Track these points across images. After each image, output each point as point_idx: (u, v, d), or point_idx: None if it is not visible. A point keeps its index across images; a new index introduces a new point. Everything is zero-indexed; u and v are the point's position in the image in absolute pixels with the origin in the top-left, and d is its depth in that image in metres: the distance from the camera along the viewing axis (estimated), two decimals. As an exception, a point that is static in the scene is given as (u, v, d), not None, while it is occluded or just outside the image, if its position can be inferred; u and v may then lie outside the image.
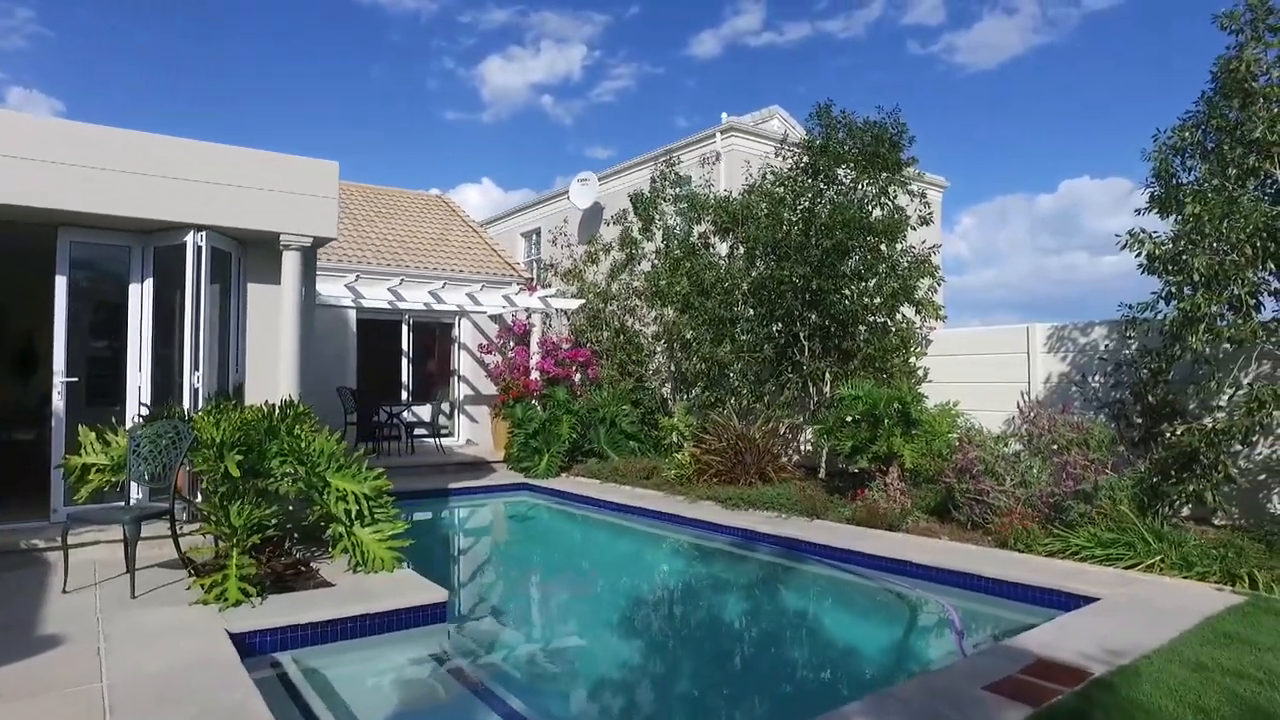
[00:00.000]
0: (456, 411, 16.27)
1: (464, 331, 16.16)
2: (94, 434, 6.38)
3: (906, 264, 10.35)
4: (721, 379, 11.92)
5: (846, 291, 10.28)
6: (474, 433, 15.93)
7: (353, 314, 14.76)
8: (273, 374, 7.67)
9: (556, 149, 55.32)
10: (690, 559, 8.59)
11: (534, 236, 23.57)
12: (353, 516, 6.33)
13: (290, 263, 7.62)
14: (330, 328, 14.60)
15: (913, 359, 10.54)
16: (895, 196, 10.76)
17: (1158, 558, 5.98)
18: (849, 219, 9.94)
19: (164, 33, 43.05)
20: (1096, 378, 8.92)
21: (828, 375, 10.63)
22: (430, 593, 5.60)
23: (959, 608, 5.98)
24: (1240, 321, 6.46)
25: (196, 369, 7.20)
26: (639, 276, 14.15)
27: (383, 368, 15.66)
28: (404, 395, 15.56)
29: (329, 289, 12.53)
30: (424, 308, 14.32)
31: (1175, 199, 7.10)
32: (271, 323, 7.75)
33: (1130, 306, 7.73)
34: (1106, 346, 8.86)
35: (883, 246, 10.27)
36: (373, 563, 6.24)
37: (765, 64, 45.27)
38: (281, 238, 7.53)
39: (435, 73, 53.17)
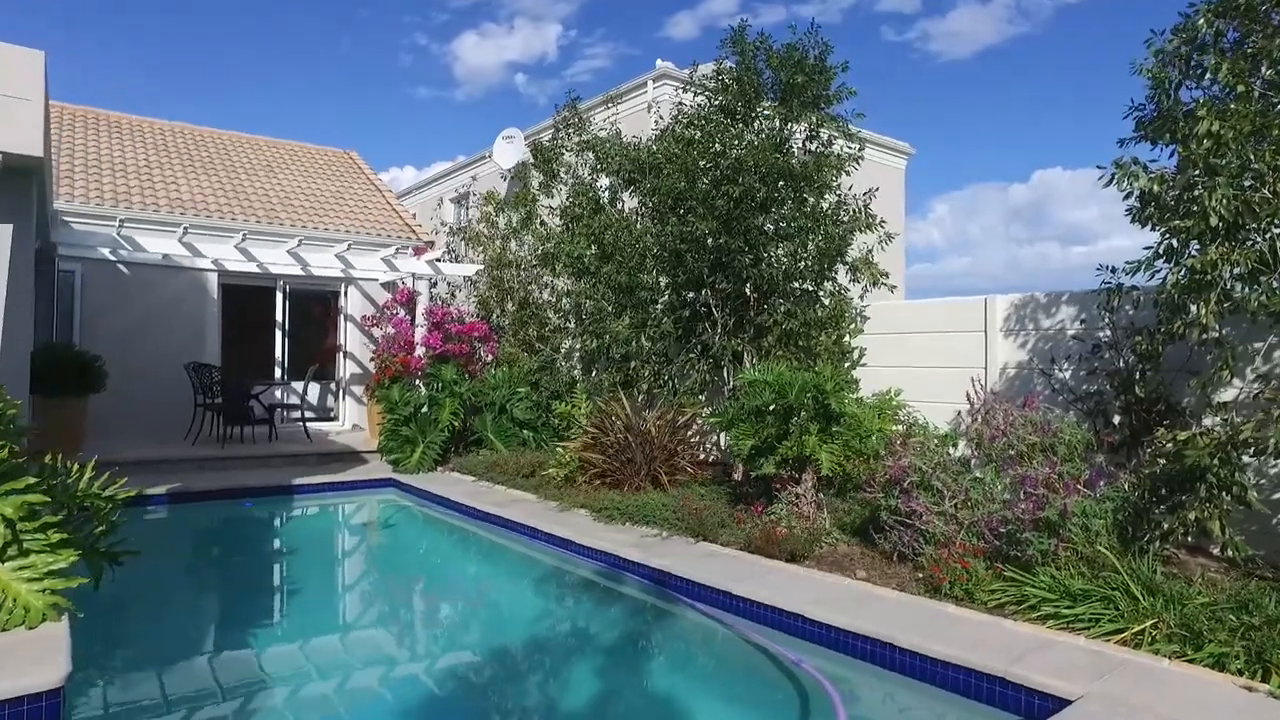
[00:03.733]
0: (342, 393, 14.19)
1: (351, 302, 14.05)
2: None
3: (837, 215, 8.37)
4: (624, 360, 9.93)
5: (765, 254, 8.29)
6: (361, 417, 13.86)
7: (214, 279, 12.59)
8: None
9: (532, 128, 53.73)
10: (538, 595, 6.61)
11: (464, 202, 21.48)
12: (-17, 549, 4.28)
13: (-27, 188, 5.52)
14: (184, 295, 12.44)
15: (847, 337, 8.60)
16: (831, 143, 8.76)
17: (1150, 622, 4.09)
18: (759, 161, 7.93)
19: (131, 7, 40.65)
20: (1066, 364, 7.04)
21: (747, 356, 8.67)
22: (37, 673, 3.59)
23: (854, 698, 4.07)
24: (1277, 286, 4.56)
25: None
26: (545, 239, 12.06)
27: (253, 342, 13.52)
28: (278, 373, 13.43)
29: (159, 244, 10.35)
30: (303, 273, 12.17)
31: (1179, 118, 5.17)
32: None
33: (1113, 270, 5.83)
34: (1081, 324, 6.96)
35: (808, 195, 8.28)
36: (12, 614, 4.22)
37: (740, 46, 43.55)
38: (-47, 151, 5.41)
39: (407, 48, 51.14)
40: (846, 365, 8.50)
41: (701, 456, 9.73)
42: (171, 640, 5.31)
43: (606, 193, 10.76)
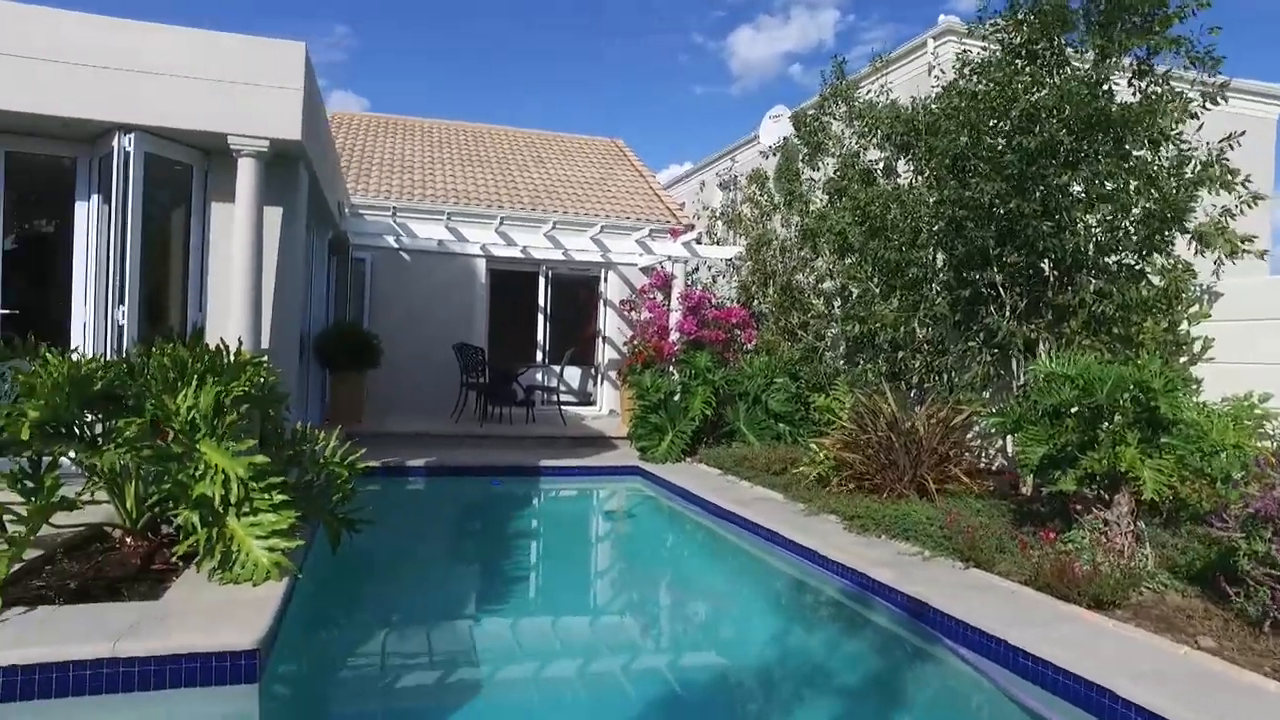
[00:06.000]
0: (600, 377, 14.32)
1: (611, 287, 14.12)
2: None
3: (1179, 170, 6.53)
4: (891, 348, 8.73)
5: (1070, 220, 6.70)
6: (617, 402, 13.89)
7: (482, 265, 13.27)
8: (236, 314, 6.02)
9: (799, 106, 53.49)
10: (768, 611, 5.74)
11: (727, 186, 21.09)
12: (220, 503, 4.40)
13: (247, 173, 5.89)
14: (456, 280, 13.25)
15: (1185, 323, 6.73)
16: (1169, 79, 6.86)
17: None
18: (1068, 105, 6.36)
19: (440, 32, 46.63)
20: None
21: (1042, 345, 7.13)
22: (235, 633, 3.54)
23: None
24: None
25: (121, 303, 5.71)
26: (807, 214, 11.08)
27: (516, 325, 14.08)
28: (539, 356, 13.86)
29: (430, 230, 10.97)
30: (564, 258, 12.41)
31: None
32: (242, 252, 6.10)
33: None
34: None
35: (1132, 147, 6.54)
36: (243, 567, 4.34)
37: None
38: (230, 141, 5.80)
39: (684, 47, 53.04)
40: (1183, 360, 6.68)
41: (981, 464, 8.29)
42: (405, 605, 5.43)
43: (881, 164, 9.56)
